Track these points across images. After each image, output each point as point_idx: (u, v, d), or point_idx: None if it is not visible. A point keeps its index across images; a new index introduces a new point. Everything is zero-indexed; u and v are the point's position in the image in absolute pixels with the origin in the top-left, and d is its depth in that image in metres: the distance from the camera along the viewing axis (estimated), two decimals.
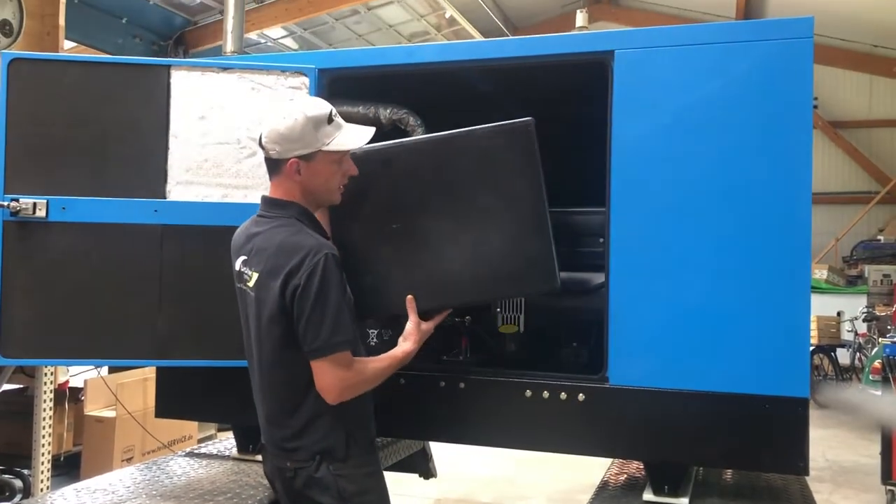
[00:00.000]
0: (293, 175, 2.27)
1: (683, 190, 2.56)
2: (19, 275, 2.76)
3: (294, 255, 2.16)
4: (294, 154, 2.24)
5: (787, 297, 2.46)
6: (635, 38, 2.67)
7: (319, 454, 2.24)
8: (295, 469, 2.26)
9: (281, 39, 12.19)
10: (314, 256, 2.14)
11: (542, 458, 6.79)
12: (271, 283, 2.18)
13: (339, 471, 2.24)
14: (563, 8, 15.51)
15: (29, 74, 2.79)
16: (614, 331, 2.61)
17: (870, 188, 16.34)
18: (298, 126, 2.21)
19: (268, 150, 2.26)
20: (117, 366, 5.75)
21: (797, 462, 2.47)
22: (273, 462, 2.35)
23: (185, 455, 3.41)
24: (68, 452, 5.74)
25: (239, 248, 2.35)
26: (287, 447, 2.28)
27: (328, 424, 2.24)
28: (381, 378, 2.30)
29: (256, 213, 2.38)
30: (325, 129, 2.25)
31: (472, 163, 2.55)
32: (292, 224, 2.26)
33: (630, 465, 3.25)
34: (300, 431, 2.25)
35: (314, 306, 2.13)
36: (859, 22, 13.74)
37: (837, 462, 7.65)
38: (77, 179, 2.79)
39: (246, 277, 2.28)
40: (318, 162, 2.27)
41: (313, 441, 2.24)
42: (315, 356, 2.16)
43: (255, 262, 2.25)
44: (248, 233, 2.34)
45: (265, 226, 2.29)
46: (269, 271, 2.19)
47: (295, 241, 2.20)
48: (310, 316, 2.13)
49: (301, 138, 2.22)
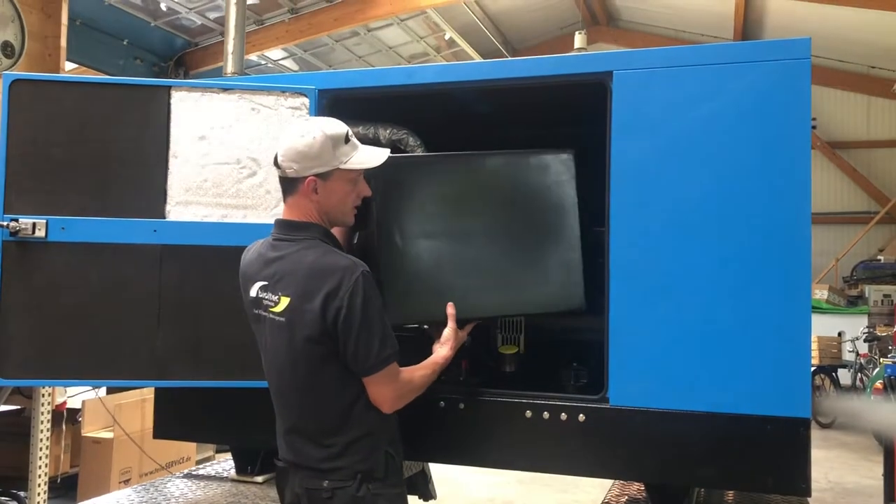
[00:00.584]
0: (310, 194, 2.27)
1: (683, 210, 2.56)
2: (18, 295, 2.76)
3: (331, 277, 2.16)
4: (312, 172, 2.24)
5: (788, 317, 2.45)
6: (634, 59, 2.68)
7: (360, 474, 2.22)
8: (333, 490, 2.21)
9: (281, 61, 12.28)
10: (352, 276, 2.15)
11: (543, 479, 6.76)
12: (307, 306, 2.17)
13: (377, 490, 2.23)
14: (562, 30, 15.66)
15: (30, 95, 2.80)
16: (614, 351, 2.60)
17: (869, 208, 16.39)
18: (317, 144, 2.23)
19: (285, 168, 2.26)
20: (115, 386, 5.73)
21: (799, 483, 2.45)
22: (303, 483, 2.27)
23: (183, 476, 3.39)
24: (65, 474, 5.72)
25: (255, 274, 2.32)
26: (325, 467, 2.23)
27: (370, 445, 2.25)
28: (427, 384, 2.38)
29: (271, 237, 2.35)
30: (342, 147, 2.28)
31: (513, 183, 2.75)
32: (318, 245, 2.26)
33: (631, 486, 3.23)
34: (342, 451, 2.23)
35: (361, 326, 2.15)
36: (856, 44, 13.87)
37: (840, 483, 7.60)
38: (77, 199, 2.79)
39: (268, 303, 2.26)
40: (334, 181, 2.29)
41: (355, 461, 2.23)
42: (368, 373, 2.21)
43: (283, 287, 2.22)
44: (266, 258, 2.31)
45: (287, 249, 2.27)
46: (304, 294, 2.18)
47: (327, 262, 2.20)
48: (358, 336, 2.16)
49: (319, 156, 2.23)
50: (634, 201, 2.60)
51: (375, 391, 2.24)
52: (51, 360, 2.80)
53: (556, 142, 2.93)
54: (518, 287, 2.74)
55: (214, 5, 9.89)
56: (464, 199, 2.73)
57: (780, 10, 13.16)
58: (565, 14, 15.17)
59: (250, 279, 2.34)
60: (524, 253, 2.74)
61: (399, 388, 2.27)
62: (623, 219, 2.61)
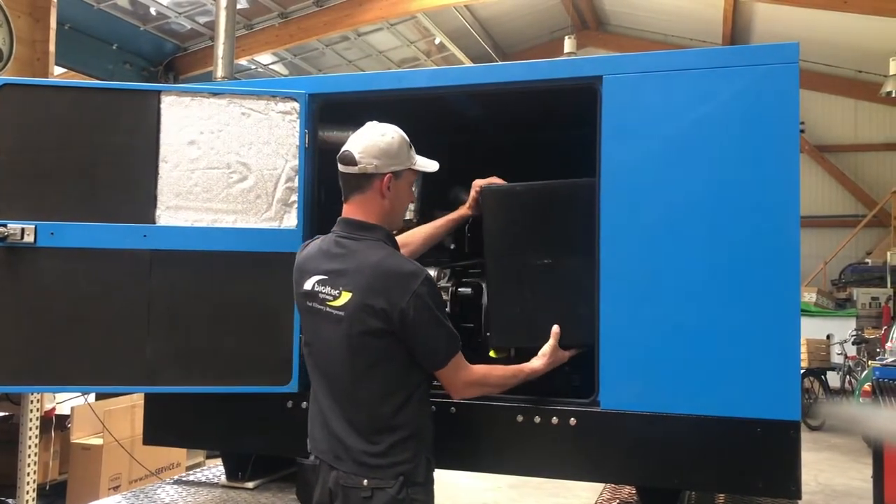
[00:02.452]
0: (383, 191, 2.38)
1: (672, 214, 2.57)
2: (6, 300, 2.74)
3: (396, 278, 2.26)
4: (390, 169, 2.37)
5: (777, 319, 2.47)
6: (623, 63, 2.69)
7: (403, 476, 2.26)
8: (373, 490, 2.24)
9: (271, 65, 12.26)
10: (417, 279, 2.27)
11: (534, 483, 6.75)
12: (369, 303, 2.25)
13: (415, 495, 2.28)
14: (552, 34, 15.70)
15: (19, 100, 2.79)
16: (605, 355, 2.60)
17: (857, 211, 16.48)
18: (396, 143, 2.38)
19: (365, 164, 2.35)
20: (105, 393, 5.70)
21: (789, 486, 2.46)
22: (340, 481, 2.29)
23: (173, 483, 3.37)
24: (54, 481, 5.67)
25: (313, 268, 2.39)
26: (371, 463, 2.26)
27: (414, 447, 2.31)
28: (504, 385, 2.53)
29: (334, 235, 2.42)
30: (411, 151, 2.45)
31: (576, 212, 2.74)
32: (382, 246, 2.36)
33: (622, 489, 3.23)
34: (388, 450, 2.27)
35: (429, 327, 2.28)
36: (843, 48, 13.96)
37: (829, 486, 7.63)
38: (66, 204, 2.78)
39: (325, 297, 2.33)
40: (403, 180, 2.43)
41: (399, 461, 2.27)
42: (439, 367, 2.34)
43: (345, 283, 2.30)
44: (328, 253, 2.38)
45: (351, 247, 2.36)
46: (367, 291, 2.26)
47: (394, 263, 2.31)
48: (428, 337, 2.30)
49: (398, 155, 2.38)
50: (624, 205, 2.61)
51: (447, 380, 2.39)
52: (40, 367, 2.78)
53: (545, 146, 2.95)
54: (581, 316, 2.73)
55: (204, 10, 9.87)
56: (559, 225, 2.78)
57: (767, 15, 13.23)
58: (555, 19, 15.21)
59: (307, 273, 2.41)
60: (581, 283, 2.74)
61: (468, 376, 2.40)
62: (613, 223, 2.62)
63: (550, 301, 2.76)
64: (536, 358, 2.63)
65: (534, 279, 2.78)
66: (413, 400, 2.33)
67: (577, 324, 2.69)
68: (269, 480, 3.24)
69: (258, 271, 2.82)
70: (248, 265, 2.82)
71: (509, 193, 2.82)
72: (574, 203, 2.75)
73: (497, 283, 2.82)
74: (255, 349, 2.83)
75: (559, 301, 2.75)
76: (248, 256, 2.82)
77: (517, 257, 2.80)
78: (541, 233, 2.80)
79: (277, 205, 2.85)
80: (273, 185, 2.86)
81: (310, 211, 2.91)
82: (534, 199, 2.81)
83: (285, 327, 2.81)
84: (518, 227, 2.81)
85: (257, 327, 2.84)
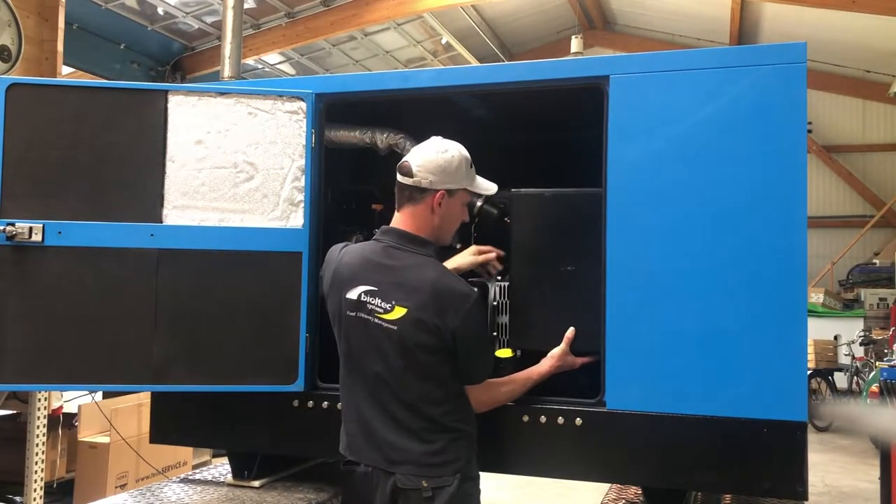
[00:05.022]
0: (435, 206, 2.43)
1: (679, 214, 2.56)
2: (14, 299, 2.75)
3: (451, 298, 2.34)
4: (444, 186, 2.42)
5: (784, 320, 2.46)
6: (630, 63, 2.69)
7: (460, 472, 2.36)
8: (433, 489, 2.31)
9: (278, 65, 12.29)
10: (469, 300, 2.36)
11: (539, 483, 6.74)
12: (425, 318, 2.32)
13: (471, 490, 2.42)
14: (559, 34, 15.68)
15: (27, 99, 2.80)
16: (611, 355, 2.60)
17: (864, 212, 16.40)
18: (455, 161, 2.43)
19: (420, 178, 2.41)
20: (112, 391, 5.72)
21: (796, 487, 2.45)
22: (399, 484, 2.34)
23: (179, 481, 3.38)
24: (61, 479, 5.69)
25: (361, 277, 2.43)
26: (430, 462, 2.33)
27: (467, 444, 2.43)
28: (513, 398, 2.62)
29: (383, 244, 2.45)
30: (471, 171, 2.50)
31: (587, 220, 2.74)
32: (435, 263, 2.43)
33: (628, 489, 3.22)
34: (444, 448, 2.36)
35: (478, 346, 2.42)
36: (852, 48, 13.90)
37: (837, 487, 7.61)
38: (73, 204, 2.79)
39: (375, 308, 2.38)
40: (456, 199, 2.48)
41: (454, 458, 2.36)
42: (472, 384, 2.46)
43: (400, 298, 2.35)
44: (377, 264, 2.42)
45: (405, 260, 2.40)
46: (423, 308, 2.32)
47: (449, 283, 2.38)
48: (478, 356, 2.43)
49: (454, 173, 2.43)
50: (631, 205, 2.61)
51: (474, 396, 2.48)
52: (47, 365, 2.79)
53: (551, 146, 2.94)
54: None
55: (211, 9, 9.90)
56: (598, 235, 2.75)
57: (775, 14, 13.19)
58: (562, 18, 15.19)
59: (352, 280, 2.44)
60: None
61: (492, 395, 2.54)
62: (619, 223, 2.61)
63: (570, 307, 2.76)
64: (545, 360, 2.67)
65: (555, 284, 2.79)
66: (463, 401, 2.44)
67: (593, 331, 2.67)
68: (275, 479, 3.25)
69: (265, 270, 2.82)
70: (254, 264, 2.82)
71: (538, 199, 2.84)
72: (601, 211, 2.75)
73: (520, 286, 2.82)
74: (261, 348, 2.83)
75: (578, 307, 2.75)
76: (254, 256, 2.82)
77: (542, 261, 2.82)
78: (567, 239, 2.81)
79: (284, 204, 2.86)
80: (280, 184, 2.86)
81: (316, 210, 2.92)
82: (562, 206, 2.82)
83: (292, 326, 2.81)
84: (545, 232, 2.83)
85: (264, 326, 2.84)
